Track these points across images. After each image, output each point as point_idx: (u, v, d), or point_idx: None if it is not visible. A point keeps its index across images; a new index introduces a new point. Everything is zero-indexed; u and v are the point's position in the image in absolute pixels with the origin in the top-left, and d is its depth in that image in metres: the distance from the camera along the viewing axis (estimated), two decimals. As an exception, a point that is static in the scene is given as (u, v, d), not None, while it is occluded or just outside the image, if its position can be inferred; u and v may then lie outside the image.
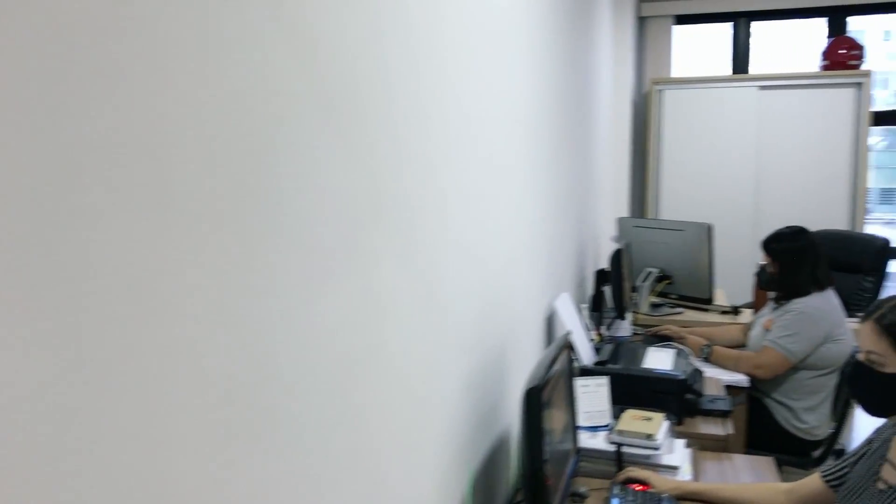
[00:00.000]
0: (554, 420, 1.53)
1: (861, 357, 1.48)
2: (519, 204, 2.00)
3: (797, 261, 2.95)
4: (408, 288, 1.16)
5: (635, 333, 3.56)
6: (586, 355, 2.42)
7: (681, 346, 3.05)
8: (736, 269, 4.82)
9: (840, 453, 3.83)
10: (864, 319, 1.48)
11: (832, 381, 2.91)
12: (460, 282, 1.46)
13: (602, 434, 2.03)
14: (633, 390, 2.27)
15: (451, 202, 1.38)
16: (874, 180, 10.40)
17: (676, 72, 5.49)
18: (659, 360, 2.46)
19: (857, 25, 5.21)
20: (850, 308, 4.27)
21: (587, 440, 1.99)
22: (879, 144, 10.27)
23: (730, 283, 4.56)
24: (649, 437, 1.91)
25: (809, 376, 2.89)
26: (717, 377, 2.82)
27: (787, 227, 3.05)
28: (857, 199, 4.93)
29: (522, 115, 2.02)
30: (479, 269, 1.59)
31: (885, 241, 4.21)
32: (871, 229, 7.53)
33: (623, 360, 2.50)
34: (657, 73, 5.40)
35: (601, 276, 3.41)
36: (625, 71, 4.92)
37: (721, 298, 4.25)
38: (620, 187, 5.12)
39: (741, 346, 3.24)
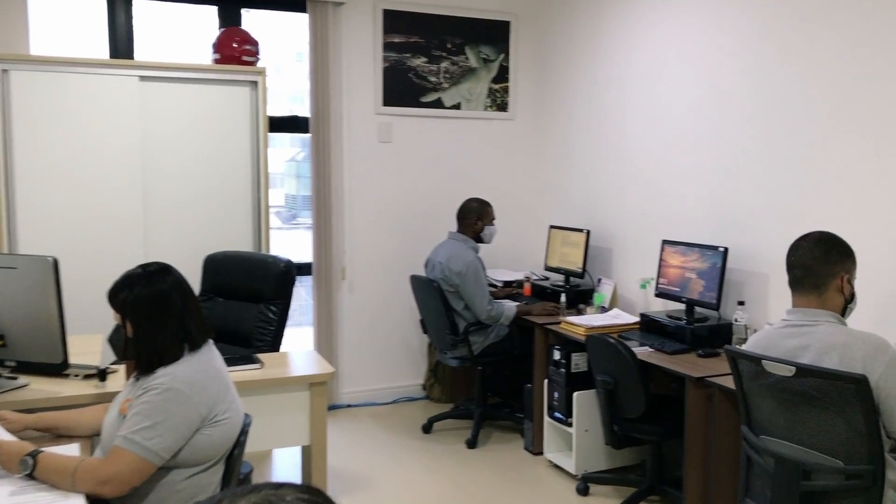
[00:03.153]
0: None
1: None
2: None
3: (157, 313, 2.05)
4: None
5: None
6: None
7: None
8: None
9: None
10: None
11: (216, 476, 2.10)
12: None
13: None
14: None
15: None
16: (298, 188, 10.56)
17: (39, 51, 4.18)
18: None
19: (250, 20, 4.69)
20: (255, 344, 3.65)
21: None
22: (300, 155, 10.41)
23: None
24: None
25: (184, 477, 2.02)
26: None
27: (141, 267, 2.13)
28: (261, 215, 4.37)
29: None
30: None
31: (288, 264, 3.69)
32: (296, 235, 7.27)
33: None
34: (6, 48, 4.00)
35: None
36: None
37: (94, 351, 3.17)
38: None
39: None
